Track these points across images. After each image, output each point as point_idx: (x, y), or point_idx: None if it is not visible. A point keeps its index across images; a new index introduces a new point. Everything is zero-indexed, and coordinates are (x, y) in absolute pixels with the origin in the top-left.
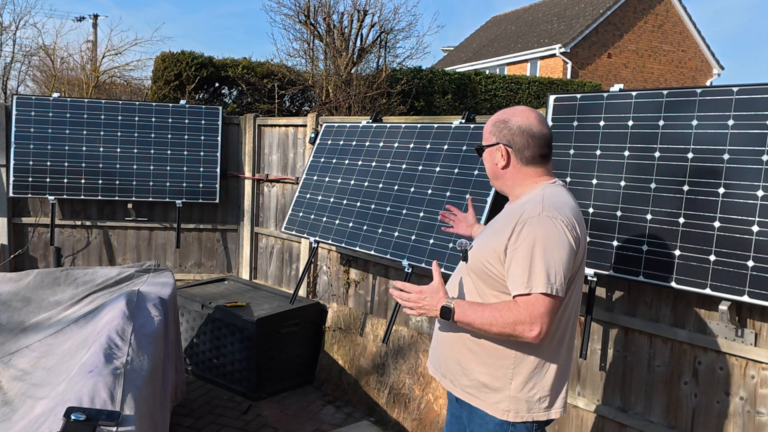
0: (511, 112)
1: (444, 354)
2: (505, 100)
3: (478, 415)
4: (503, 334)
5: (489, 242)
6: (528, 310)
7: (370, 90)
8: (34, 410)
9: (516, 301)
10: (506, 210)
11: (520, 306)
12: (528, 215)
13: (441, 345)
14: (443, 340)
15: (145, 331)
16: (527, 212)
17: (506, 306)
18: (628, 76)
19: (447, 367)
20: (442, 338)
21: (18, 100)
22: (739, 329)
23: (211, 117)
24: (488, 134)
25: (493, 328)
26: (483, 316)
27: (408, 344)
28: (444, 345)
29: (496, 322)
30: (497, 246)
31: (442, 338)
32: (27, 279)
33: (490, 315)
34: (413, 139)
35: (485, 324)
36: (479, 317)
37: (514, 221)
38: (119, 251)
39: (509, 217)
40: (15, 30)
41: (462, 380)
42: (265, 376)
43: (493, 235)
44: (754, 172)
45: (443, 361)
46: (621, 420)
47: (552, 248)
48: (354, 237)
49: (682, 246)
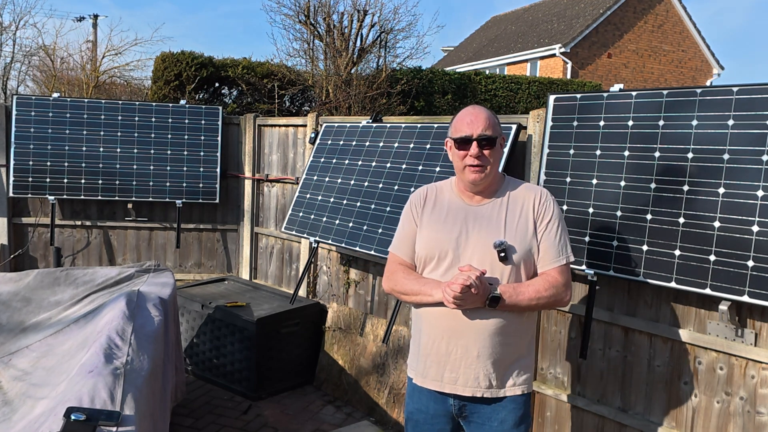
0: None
1: (482, 364)
2: (505, 100)
3: (510, 400)
4: (548, 305)
5: (517, 236)
6: (564, 277)
7: (370, 90)
8: (34, 410)
9: (549, 272)
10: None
11: (557, 276)
12: (547, 197)
13: (478, 359)
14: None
15: (145, 331)
16: (545, 196)
17: (544, 279)
18: (628, 76)
19: (486, 376)
20: (476, 351)
21: (18, 100)
22: (739, 329)
23: (211, 117)
24: (496, 125)
25: (541, 301)
26: (529, 293)
27: (408, 344)
28: (482, 355)
29: (542, 295)
30: (530, 235)
31: (476, 351)
32: (27, 279)
33: (534, 290)
34: (413, 139)
35: (533, 300)
36: (525, 296)
37: (529, 208)
38: (119, 251)
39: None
40: (15, 30)
41: (514, 376)
42: (265, 376)
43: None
44: (754, 172)
45: (478, 375)
46: (621, 420)
47: (564, 221)
48: (354, 237)
49: (682, 246)
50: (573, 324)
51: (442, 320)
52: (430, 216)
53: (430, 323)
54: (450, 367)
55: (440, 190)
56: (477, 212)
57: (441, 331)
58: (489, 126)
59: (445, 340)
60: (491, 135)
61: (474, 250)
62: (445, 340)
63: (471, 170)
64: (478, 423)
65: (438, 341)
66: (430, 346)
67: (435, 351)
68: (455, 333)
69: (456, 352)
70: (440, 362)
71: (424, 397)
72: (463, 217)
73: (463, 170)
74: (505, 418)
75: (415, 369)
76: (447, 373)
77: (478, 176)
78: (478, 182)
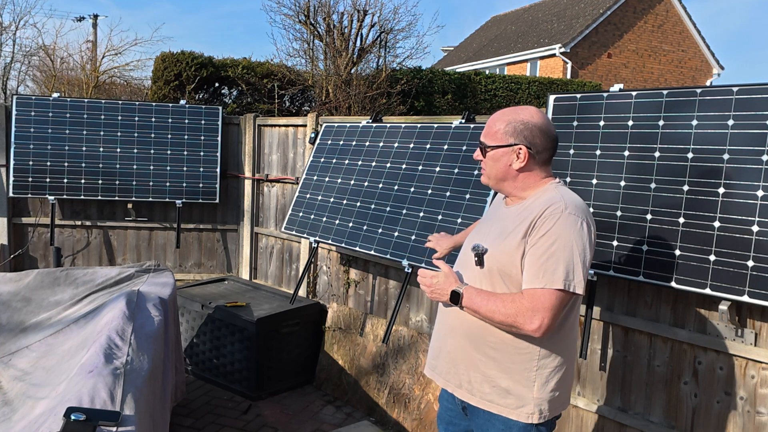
0: (526, 112)
1: (459, 363)
2: (505, 100)
3: (500, 420)
4: (504, 323)
5: (504, 243)
6: (532, 302)
7: (370, 90)
8: (35, 410)
9: (522, 293)
10: (512, 211)
11: (525, 298)
12: (551, 212)
13: (454, 354)
14: (457, 348)
15: (145, 331)
16: (550, 210)
17: (512, 297)
18: (628, 76)
19: (462, 377)
20: (454, 347)
21: (18, 100)
22: (739, 329)
23: (211, 117)
24: (502, 134)
25: (496, 316)
26: (488, 305)
27: (408, 344)
28: (459, 353)
29: (499, 311)
30: (514, 246)
31: (454, 347)
32: (27, 279)
33: (494, 304)
34: (413, 139)
35: (489, 312)
36: (485, 305)
37: (529, 219)
38: (119, 251)
39: (519, 217)
40: (15, 30)
41: (483, 388)
42: (265, 376)
43: (506, 236)
44: (754, 172)
45: (457, 371)
46: (621, 420)
47: (576, 245)
48: (354, 237)
49: (682, 246)
50: None
51: (441, 315)
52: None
53: (437, 318)
54: (440, 362)
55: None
56: (503, 215)
57: (438, 326)
58: (487, 133)
59: (440, 335)
60: (482, 143)
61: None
62: (441, 335)
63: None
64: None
65: (435, 336)
66: (432, 341)
67: (432, 345)
68: (443, 327)
69: (444, 347)
70: (433, 356)
71: (445, 391)
72: (494, 218)
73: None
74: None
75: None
76: (438, 367)
77: (484, 179)
78: (484, 184)
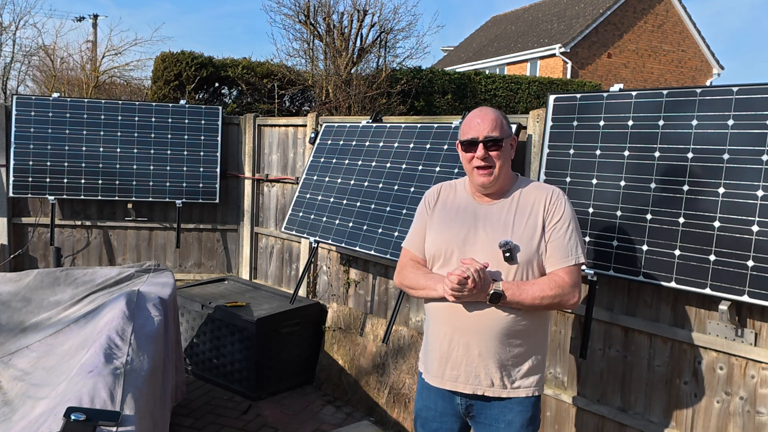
0: (492, 108)
1: (489, 363)
2: (505, 100)
3: (517, 402)
4: (552, 305)
5: (524, 235)
6: (572, 278)
7: (370, 90)
8: (35, 410)
9: (556, 272)
10: (501, 206)
11: (564, 276)
12: (557, 197)
13: (485, 356)
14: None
15: (145, 331)
16: (555, 195)
17: (550, 279)
18: (628, 76)
19: (488, 375)
20: (485, 348)
21: (18, 100)
22: (739, 329)
23: (210, 117)
24: (505, 124)
25: (545, 301)
26: (532, 292)
27: (408, 344)
28: (489, 353)
29: (546, 295)
30: (538, 235)
31: (485, 348)
32: (27, 279)
33: (538, 290)
34: (413, 139)
35: (536, 299)
36: (529, 294)
37: (540, 207)
38: (119, 251)
39: (521, 208)
40: (15, 30)
41: (521, 378)
42: (265, 376)
43: (523, 228)
44: (754, 172)
45: (479, 373)
46: (621, 420)
47: (577, 222)
48: (354, 237)
49: (682, 246)
50: (573, 324)
51: (447, 317)
52: (440, 214)
53: (436, 320)
54: (451, 365)
55: (454, 188)
56: (487, 211)
57: (445, 328)
58: (495, 127)
59: (447, 338)
60: (497, 136)
61: (482, 250)
62: (448, 338)
63: (479, 173)
64: (485, 424)
65: (441, 338)
66: (434, 343)
67: (438, 347)
68: (458, 330)
69: (458, 350)
70: (442, 359)
71: (432, 394)
72: (473, 216)
73: (472, 172)
74: (512, 420)
75: (423, 364)
76: (448, 370)
77: (486, 179)
78: (487, 185)
